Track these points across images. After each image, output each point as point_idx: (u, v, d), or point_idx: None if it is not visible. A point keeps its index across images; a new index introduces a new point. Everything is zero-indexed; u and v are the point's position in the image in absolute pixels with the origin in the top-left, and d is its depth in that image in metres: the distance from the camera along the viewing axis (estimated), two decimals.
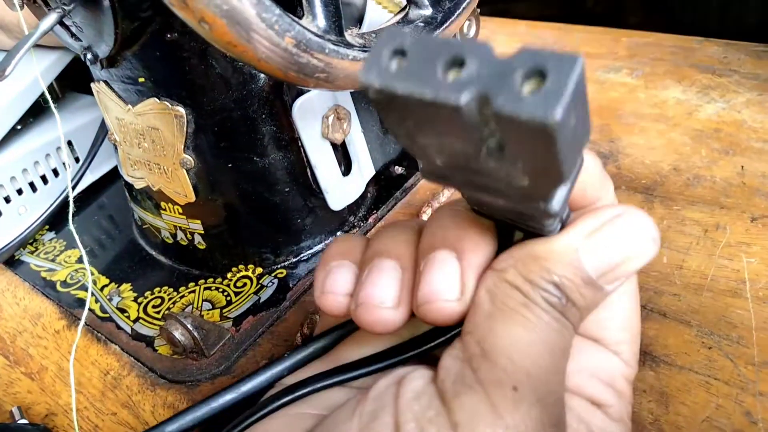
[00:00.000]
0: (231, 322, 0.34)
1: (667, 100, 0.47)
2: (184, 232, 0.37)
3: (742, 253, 0.33)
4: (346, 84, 0.23)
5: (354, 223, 0.40)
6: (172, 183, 0.34)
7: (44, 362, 0.34)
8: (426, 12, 0.26)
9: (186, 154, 0.32)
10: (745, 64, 0.49)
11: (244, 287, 0.36)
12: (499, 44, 0.60)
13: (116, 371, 0.33)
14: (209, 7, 0.17)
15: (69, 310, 0.37)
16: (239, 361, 0.32)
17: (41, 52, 0.43)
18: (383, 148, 0.37)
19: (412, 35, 0.11)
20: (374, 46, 0.12)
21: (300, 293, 0.35)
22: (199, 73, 0.30)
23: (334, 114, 0.33)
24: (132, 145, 0.34)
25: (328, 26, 0.22)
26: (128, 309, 0.36)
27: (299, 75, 0.21)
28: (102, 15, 0.27)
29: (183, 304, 0.36)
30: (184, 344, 0.31)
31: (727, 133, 0.42)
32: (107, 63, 0.31)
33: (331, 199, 0.36)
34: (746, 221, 0.35)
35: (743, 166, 0.39)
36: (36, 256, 0.42)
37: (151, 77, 0.31)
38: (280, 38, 0.19)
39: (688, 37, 0.54)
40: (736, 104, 0.45)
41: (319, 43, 0.20)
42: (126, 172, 0.37)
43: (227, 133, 0.32)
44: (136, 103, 0.32)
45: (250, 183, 0.34)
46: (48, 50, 0.43)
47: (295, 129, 0.33)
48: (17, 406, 0.31)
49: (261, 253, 0.37)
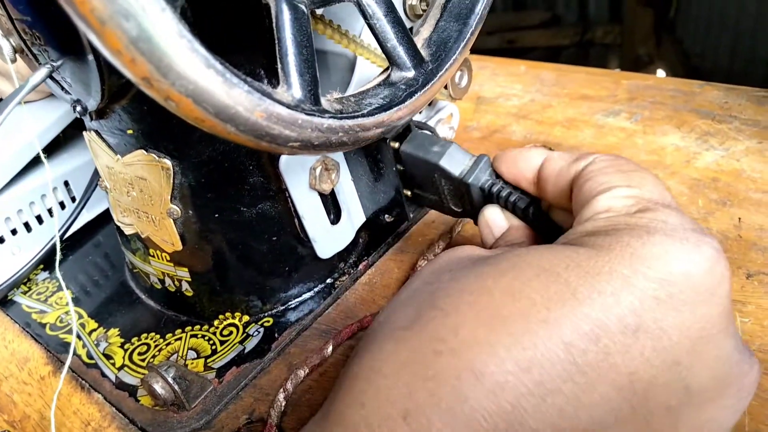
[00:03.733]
0: (214, 373, 0.34)
1: (665, 146, 0.46)
2: (171, 279, 0.36)
3: (737, 312, 0.32)
4: (320, 150, 0.22)
5: (344, 270, 0.39)
6: (160, 231, 0.34)
7: (27, 410, 0.34)
8: (408, 74, 0.26)
9: (173, 204, 0.32)
10: (746, 110, 0.49)
11: (229, 336, 0.36)
12: (498, 85, 0.61)
13: (97, 422, 0.32)
14: (174, 87, 0.17)
15: (56, 355, 0.37)
16: (220, 415, 0.31)
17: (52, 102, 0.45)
18: (373, 195, 0.37)
19: None
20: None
21: (285, 344, 0.35)
22: (186, 126, 0.30)
23: (321, 165, 0.33)
24: (121, 192, 0.34)
25: (303, 96, 0.22)
26: (114, 356, 0.36)
27: (272, 145, 0.21)
28: (89, 71, 0.28)
29: (168, 353, 0.35)
30: (164, 397, 0.31)
31: (725, 182, 0.41)
32: (96, 115, 0.31)
33: (319, 248, 0.36)
34: (742, 278, 0.34)
35: (740, 219, 0.38)
36: (28, 296, 0.42)
37: (140, 129, 0.31)
38: (249, 114, 0.19)
39: (690, 81, 0.54)
40: (736, 152, 0.44)
41: (291, 114, 0.20)
42: (116, 218, 0.37)
43: (214, 184, 0.32)
44: (125, 154, 0.32)
45: (237, 232, 0.34)
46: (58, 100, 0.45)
47: (283, 180, 0.33)
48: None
49: (248, 301, 0.37)
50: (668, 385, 0.18)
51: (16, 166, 0.42)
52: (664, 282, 0.18)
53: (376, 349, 0.20)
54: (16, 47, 0.30)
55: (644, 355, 0.18)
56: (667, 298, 0.18)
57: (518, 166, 0.28)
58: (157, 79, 0.17)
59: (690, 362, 0.18)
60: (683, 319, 0.18)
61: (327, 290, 0.38)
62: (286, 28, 0.22)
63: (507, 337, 0.18)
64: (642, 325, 0.18)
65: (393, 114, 0.25)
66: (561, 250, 0.20)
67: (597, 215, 0.22)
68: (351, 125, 0.23)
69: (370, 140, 0.25)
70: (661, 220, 0.20)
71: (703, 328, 0.18)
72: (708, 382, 0.19)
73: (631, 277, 0.18)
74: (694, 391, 0.19)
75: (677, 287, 0.18)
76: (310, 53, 0.22)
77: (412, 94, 0.26)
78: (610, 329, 0.18)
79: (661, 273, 0.18)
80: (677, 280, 0.18)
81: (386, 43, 0.26)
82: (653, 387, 0.18)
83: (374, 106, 0.25)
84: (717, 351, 0.19)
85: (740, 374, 0.20)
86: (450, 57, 0.28)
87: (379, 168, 0.35)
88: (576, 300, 0.18)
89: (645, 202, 0.21)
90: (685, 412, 0.19)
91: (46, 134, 0.44)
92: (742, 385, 0.20)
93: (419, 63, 0.27)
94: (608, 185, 0.22)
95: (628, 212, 0.21)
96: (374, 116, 0.24)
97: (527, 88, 0.59)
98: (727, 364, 0.19)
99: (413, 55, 0.27)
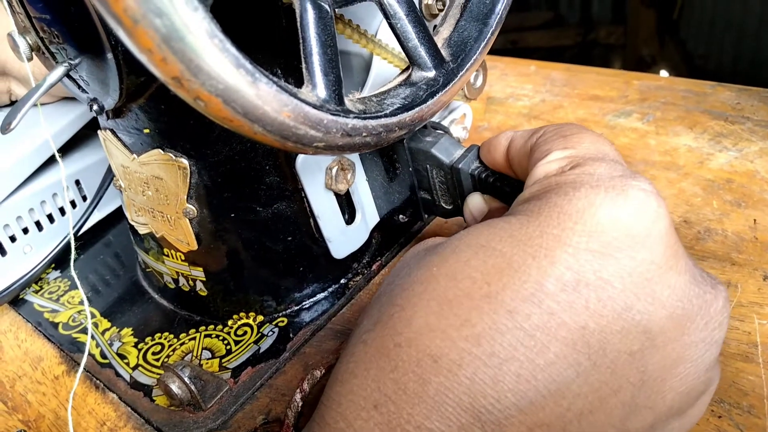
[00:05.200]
0: (230, 373, 0.33)
1: (678, 147, 0.46)
2: (186, 279, 0.36)
3: (754, 314, 0.32)
4: (344, 150, 0.22)
5: (358, 270, 0.39)
6: (175, 231, 0.34)
7: (42, 410, 0.34)
8: (429, 74, 0.26)
9: (189, 203, 0.32)
10: (758, 111, 0.49)
11: (244, 336, 0.36)
12: (509, 85, 0.60)
13: (113, 422, 0.32)
14: (204, 87, 0.17)
15: (69, 355, 0.37)
16: (236, 415, 0.31)
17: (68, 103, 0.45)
18: (388, 196, 0.37)
19: None
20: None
21: (300, 344, 0.35)
22: (204, 125, 0.30)
23: (338, 165, 0.33)
24: (136, 192, 0.34)
25: (328, 96, 0.21)
26: (128, 355, 0.36)
27: (297, 145, 0.20)
28: (107, 70, 0.27)
29: (183, 352, 0.35)
30: (180, 397, 0.31)
31: (740, 183, 0.41)
32: (113, 114, 0.31)
33: (334, 248, 0.36)
34: (758, 279, 0.34)
35: (756, 220, 0.38)
36: (40, 295, 0.42)
37: (156, 129, 0.31)
38: (276, 114, 0.19)
39: (701, 81, 0.54)
40: (749, 153, 0.44)
41: (317, 115, 0.20)
42: (130, 217, 0.37)
43: (230, 184, 0.32)
44: (141, 153, 0.32)
45: (252, 232, 0.34)
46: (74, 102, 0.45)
47: (299, 180, 0.33)
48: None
49: (263, 301, 0.36)
50: (625, 332, 0.18)
51: (31, 167, 0.42)
52: (594, 233, 0.19)
53: (348, 353, 0.21)
54: (33, 45, 0.30)
55: (590, 308, 0.18)
56: (601, 248, 0.18)
57: (491, 152, 0.29)
58: (187, 79, 0.17)
59: (642, 305, 0.18)
60: (623, 265, 0.18)
61: (341, 290, 0.38)
62: (310, 27, 0.22)
63: (455, 318, 0.19)
64: (582, 280, 0.18)
65: (415, 114, 0.25)
66: (496, 223, 0.21)
67: (534, 183, 0.22)
68: (375, 125, 0.23)
69: (392, 141, 0.25)
70: (588, 173, 0.20)
71: (648, 269, 0.19)
72: (666, 322, 0.19)
73: (562, 236, 0.19)
74: (655, 332, 0.19)
75: (608, 236, 0.19)
76: (334, 53, 0.22)
77: (434, 94, 0.26)
78: (550, 290, 0.18)
79: (590, 225, 0.19)
80: (607, 229, 0.19)
81: (407, 42, 0.26)
82: (608, 336, 0.18)
83: (396, 106, 0.25)
84: (669, 290, 0.19)
85: (702, 306, 0.20)
86: (470, 57, 0.28)
87: (394, 168, 0.35)
88: (512, 269, 0.19)
89: (578, 160, 0.22)
90: (650, 355, 0.19)
91: (60, 135, 0.43)
92: (708, 316, 0.20)
93: (440, 63, 0.27)
94: (547, 152, 0.23)
95: (558, 173, 0.22)
96: (397, 116, 0.24)
97: (537, 89, 0.58)
98: (684, 300, 0.19)
99: (434, 55, 0.26)
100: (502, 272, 0.19)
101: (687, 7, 1.76)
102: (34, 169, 0.42)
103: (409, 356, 0.19)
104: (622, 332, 0.18)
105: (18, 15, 0.29)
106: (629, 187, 0.19)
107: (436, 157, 0.32)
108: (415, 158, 0.33)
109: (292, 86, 0.21)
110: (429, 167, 0.33)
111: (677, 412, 0.20)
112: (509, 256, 0.19)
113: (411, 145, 0.33)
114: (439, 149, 0.32)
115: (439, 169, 0.32)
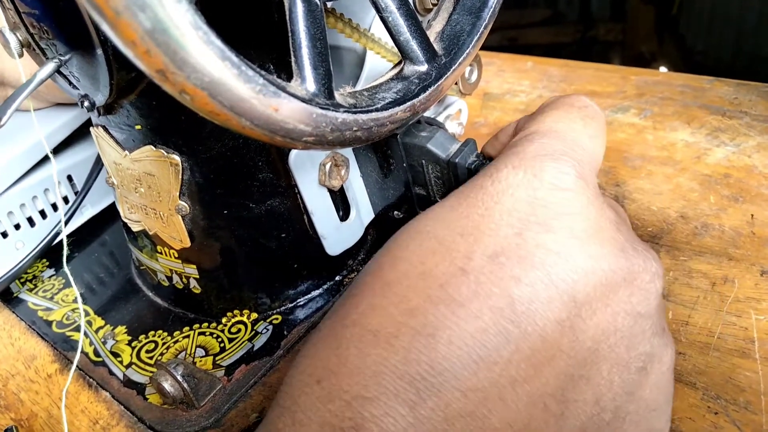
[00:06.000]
0: (223, 371, 0.33)
1: (675, 142, 0.46)
2: (179, 276, 0.36)
3: (751, 310, 0.32)
4: (334, 145, 0.22)
5: (353, 267, 0.39)
6: (168, 228, 0.34)
7: (34, 408, 0.33)
8: (421, 68, 0.26)
9: (181, 200, 0.32)
10: (756, 106, 0.48)
11: (238, 333, 0.35)
12: (506, 81, 0.60)
13: (105, 420, 0.32)
14: (190, 80, 0.17)
15: (63, 353, 0.36)
16: (229, 413, 0.31)
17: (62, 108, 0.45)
18: (382, 192, 0.37)
19: None
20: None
21: (294, 341, 0.34)
22: (195, 121, 0.30)
23: (331, 161, 0.33)
24: (129, 189, 0.34)
25: (317, 89, 0.21)
26: (122, 353, 0.36)
27: (286, 140, 0.20)
28: (97, 65, 0.27)
29: (176, 350, 0.35)
30: (173, 395, 0.30)
31: (737, 178, 0.41)
32: (104, 110, 0.31)
33: (328, 245, 0.36)
34: (755, 274, 0.34)
35: (753, 215, 0.38)
36: (34, 293, 0.42)
37: (148, 125, 0.31)
38: (264, 107, 0.18)
39: (699, 77, 0.53)
40: (747, 148, 0.44)
41: (306, 109, 0.20)
42: (123, 214, 0.37)
43: (223, 180, 0.32)
44: (133, 150, 0.32)
45: (245, 229, 0.34)
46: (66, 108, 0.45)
47: (292, 176, 0.32)
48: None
49: (257, 298, 0.36)
50: (551, 300, 0.19)
51: (23, 167, 0.41)
52: (513, 211, 0.20)
53: (306, 342, 0.23)
54: (23, 41, 0.29)
55: (516, 277, 0.19)
56: (519, 224, 0.20)
57: (498, 138, 0.30)
58: (172, 72, 0.17)
59: (565, 274, 0.19)
60: (542, 238, 0.20)
61: (335, 288, 0.38)
62: (299, 20, 0.21)
63: (394, 296, 0.20)
64: (504, 252, 0.20)
65: (407, 108, 0.24)
66: (432, 209, 0.23)
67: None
68: (365, 120, 0.23)
69: (384, 135, 0.25)
70: (515, 153, 0.22)
71: (567, 242, 0.20)
72: (591, 291, 0.20)
73: (485, 215, 0.20)
74: (580, 301, 0.19)
75: (525, 212, 0.20)
76: (324, 46, 0.22)
77: (426, 88, 0.25)
78: (477, 263, 0.20)
79: (509, 204, 0.20)
80: (524, 207, 0.20)
81: (399, 36, 0.26)
82: (535, 304, 0.19)
83: (388, 101, 0.24)
84: (591, 260, 0.20)
85: (626, 278, 0.20)
86: (463, 51, 0.27)
87: (388, 164, 0.35)
88: (443, 248, 0.20)
89: (521, 139, 0.23)
90: (579, 323, 0.19)
91: (54, 136, 0.43)
92: (633, 287, 0.21)
93: (432, 57, 0.26)
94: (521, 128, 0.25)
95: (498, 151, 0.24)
96: (388, 110, 0.24)
97: (534, 84, 0.58)
98: (607, 270, 0.20)
99: (426, 48, 0.26)
100: (435, 252, 0.20)
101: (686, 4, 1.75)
102: (26, 169, 0.42)
103: (352, 334, 0.20)
104: (549, 300, 0.19)
105: (8, 11, 0.29)
106: (546, 167, 0.21)
107: (431, 152, 0.31)
108: (410, 154, 0.33)
109: (282, 80, 0.20)
110: (425, 163, 0.32)
111: (621, 390, 0.20)
112: (441, 237, 0.21)
113: (405, 141, 0.32)
114: (435, 144, 0.31)
115: (434, 165, 0.32)
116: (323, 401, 0.19)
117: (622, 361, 0.20)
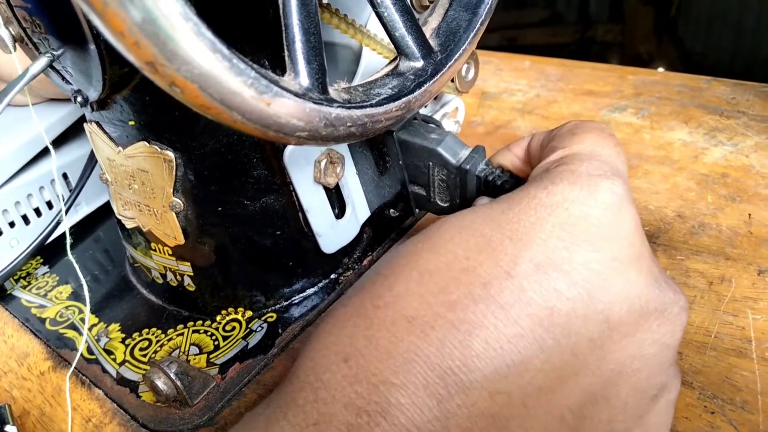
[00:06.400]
0: (217, 369, 0.33)
1: (672, 141, 0.46)
2: (173, 274, 0.36)
3: (748, 309, 0.32)
4: (328, 140, 0.22)
5: (348, 265, 0.39)
6: (162, 225, 0.33)
7: (27, 406, 0.33)
8: (416, 64, 0.26)
9: (175, 197, 0.32)
10: (754, 106, 0.48)
11: (232, 331, 0.35)
12: (503, 80, 0.60)
13: (98, 418, 0.32)
14: (180, 72, 0.17)
15: (56, 351, 0.36)
16: (223, 411, 0.31)
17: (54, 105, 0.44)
18: (378, 190, 0.36)
19: None
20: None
21: (289, 339, 0.34)
22: (189, 117, 0.29)
23: (326, 158, 0.33)
24: (123, 186, 0.34)
25: (311, 84, 0.21)
26: (115, 351, 0.35)
27: (279, 134, 0.20)
28: (90, 60, 0.27)
29: (170, 348, 0.35)
30: (166, 393, 0.30)
31: (735, 178, 0.41)
32: (98, 106, 0.31)
33: (323, 243, 0.35)
34: (753, 274, 0.34)
35: (750, 215, 0.38)
36: (28, 291, 0.42)
37: (141, 121, 0.30)
38: (255, 101, 0.18)
39: (696, 76, 0.53)
40: (744, 148, 0.44)
41: (299, 103, 0.20)
42: (117, 211, 0.36)
43: (217, 177, 0.32)
44: (127, 146, 0.32)
45: (240, 226, 0.33)
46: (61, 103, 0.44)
47: (287, 173, 0.32)
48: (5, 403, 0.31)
49: (251, 296, 0.36)
50: (587, 318, 0.19)
51: (18, 163, 0.41)
52: (566, 225, 0.20)
53: (327, 316, 0.22)
54: (16, 36, 0.29)
55: (558, 290, 0.19)
56: (570, 239, 0.20)
57: (512, 150, 0.30)
58: (161, 64, 0.16)
59: (603, 296, 0.20)
60: (588, 256, 0.20)
61: (331, 286, 0.37)
62: (293, 13, 0.21)
63: (433, 285, 0.20)
64: (551, 263, 0.20)
65: (402, 104, 0.24)
66: (479, 209, 0.23)
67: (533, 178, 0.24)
68: (359, 115, 0.22)
69: (379, 131, 0.24)
70: (570, 170, 0.22)
71: (610, 264, 0.20)
72: (624, 315, 0.20)
73: (537, 223, 0.21)
74: (614, 323, 0.20)
75: (578, 228, 0.20)
76: (318, 41, 0.22)
77: (421, 85, 0.25)
78: (523, 269, 0.20)
79: (562, 217, 0.21)
80: (577, 222, 0.20)
81: (394, 32, 0.26)
82: (573, 319, 0.19)
83: (383, 96, 0.24)
84: (628, 286, 0.20)
85: (658, 308, 0.21)
86: (459, 47, 0.27)
87: (384, 161, 0.35)
88: (490, 248, 0.20)
89: (568, 158, 0.24)
90: (609, 344, 0.20)
91: (49, 131, 0.43)
92: (662, 318, 0.21)
93: (428, 53, 0.26)
94: (552, 149, 0.25)
95: (547, 168, 0.23)
96: (383, 106, 0.24)
97: (532, 84, 0.58)
98: (643, 298, 0.20)
99: (422, 44, 0.26)
100: (481, 250, 0.20)
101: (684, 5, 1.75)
102: (20, 166, 0.41)
103: (385, 316, 0.20)
104: (585, 318, 0.19)
105: (0, 5, 0.29)
106: (601, 187, 0.21)
107: (442, 156, 0.31)
108: (415, 154, 0.32)
109: (275, 74, 0.20)
110: (431, 165, 0.32)
111: (633, 414, 0.21)
112: (489, 236, 0.21)
113: (412, 141, 0.32)
114: (445, 148, 0.31)
115: (441, 168, 0.31)
116: (350, 381, 0.19)
117: (641, 387, 0.21)
